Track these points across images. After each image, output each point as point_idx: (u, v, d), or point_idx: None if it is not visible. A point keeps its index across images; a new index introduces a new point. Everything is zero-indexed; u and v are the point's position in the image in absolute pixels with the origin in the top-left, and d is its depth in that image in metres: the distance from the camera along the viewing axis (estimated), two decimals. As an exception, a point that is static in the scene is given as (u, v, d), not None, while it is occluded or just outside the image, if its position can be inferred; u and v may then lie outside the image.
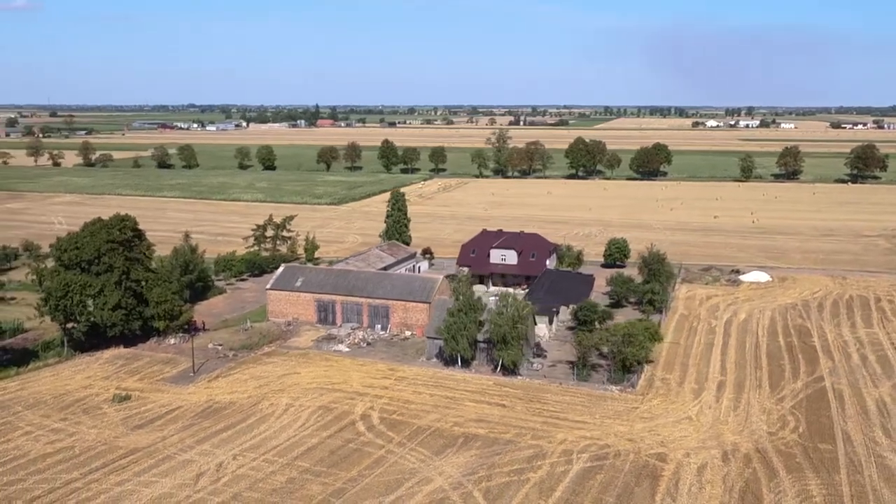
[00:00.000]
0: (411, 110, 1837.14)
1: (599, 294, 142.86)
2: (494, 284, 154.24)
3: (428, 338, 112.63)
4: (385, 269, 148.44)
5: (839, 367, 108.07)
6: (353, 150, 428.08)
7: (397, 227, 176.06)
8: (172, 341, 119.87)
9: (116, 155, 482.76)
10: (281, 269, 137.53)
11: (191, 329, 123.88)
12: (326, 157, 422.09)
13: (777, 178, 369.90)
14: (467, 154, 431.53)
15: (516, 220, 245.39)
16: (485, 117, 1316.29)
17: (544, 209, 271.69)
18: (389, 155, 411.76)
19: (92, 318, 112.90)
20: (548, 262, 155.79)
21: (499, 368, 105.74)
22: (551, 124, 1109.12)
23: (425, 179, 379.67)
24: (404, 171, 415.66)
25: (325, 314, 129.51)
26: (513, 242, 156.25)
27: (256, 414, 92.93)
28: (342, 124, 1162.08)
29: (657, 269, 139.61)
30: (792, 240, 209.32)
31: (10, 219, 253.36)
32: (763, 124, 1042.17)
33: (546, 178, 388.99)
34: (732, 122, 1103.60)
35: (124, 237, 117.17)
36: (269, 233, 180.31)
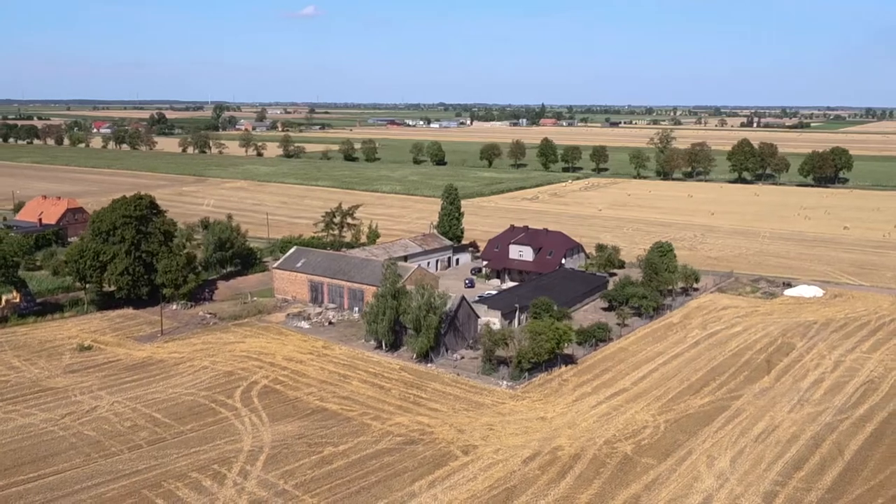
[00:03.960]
0: (649, 110, 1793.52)
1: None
2: (512, 280, 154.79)
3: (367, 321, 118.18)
4: (406, 258, 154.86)
5: (774, 389, 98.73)
6: (518, 148, 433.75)
7: (448, 219, 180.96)
8: (174, 307, 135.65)
9: (313, 148, 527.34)
10: (292, 250, 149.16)
11: (197, 297, 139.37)
12: (488, 154, 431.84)
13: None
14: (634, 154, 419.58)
15: (622, 220, 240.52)
16: (728, 118, 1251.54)
17: (662, 212, 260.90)
18: (548, 153, 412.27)
19: (100, 281, 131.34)
20: (564, 260, 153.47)
21: (416, 355, 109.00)
22: (788, 127, 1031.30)
23: (577, 178, 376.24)
24: (566, 169, 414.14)
25: (316, 294, 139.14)
26: (531, 239, 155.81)
27: (171, 371, 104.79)
28: (563, 123, 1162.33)
29: (649, 275, 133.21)
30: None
31: (174, 199, 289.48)
32: None
33: (708, 181, 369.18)
34: None
35: (139, 213, 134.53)
36: (337, 219, 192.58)
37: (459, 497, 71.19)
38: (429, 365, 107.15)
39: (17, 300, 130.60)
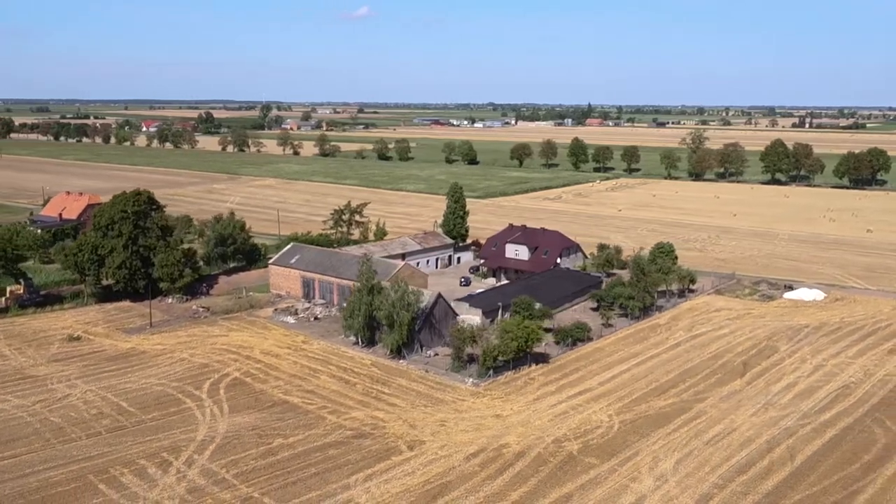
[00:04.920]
0: (700, 110, 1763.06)
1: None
2: (508, 279, 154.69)
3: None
4: (403, 256, 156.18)
5: (743, 392, 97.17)
6: (549, 148, 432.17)
7: (453, 218, 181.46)
8: (170, 300, 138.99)
9: (350, 147, 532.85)
10: (288, 246, 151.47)
11: (194, 291, 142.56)
12: (519, 153, 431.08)
13: None
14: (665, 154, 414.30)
15: (639, 220, 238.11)
16: (782, 118, 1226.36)
17: (683, 213, 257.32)
18: (578, 153, 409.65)
19: (98, 274, 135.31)
20: (560, 259, 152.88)
21: (390, 351, 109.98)
22: (842, 128, 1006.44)
23: (606, 179, 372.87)
24: (597, 169, 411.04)
25: (308, 290, 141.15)
26: (527, 239, 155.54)
27: (150, 362, 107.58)
28: (609, 123, 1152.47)
29: (637, 276, 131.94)
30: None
31: (202, 196, 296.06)
32: None
33: (741, 182, 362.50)
34: None
35: (137, 209, 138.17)
36: (346, 217, 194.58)
37: (392, 491, 71.94)
38: (401, 361, 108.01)
39: (21, 292, 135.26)
